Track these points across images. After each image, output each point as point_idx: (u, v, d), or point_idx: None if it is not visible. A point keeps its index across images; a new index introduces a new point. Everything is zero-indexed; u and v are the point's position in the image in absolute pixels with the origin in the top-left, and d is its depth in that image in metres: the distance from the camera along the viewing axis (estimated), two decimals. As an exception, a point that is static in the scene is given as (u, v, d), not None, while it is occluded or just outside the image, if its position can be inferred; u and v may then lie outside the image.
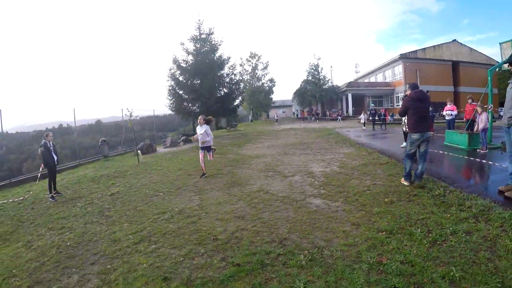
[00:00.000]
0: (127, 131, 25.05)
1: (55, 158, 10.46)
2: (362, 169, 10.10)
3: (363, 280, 3.94)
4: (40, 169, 10.83)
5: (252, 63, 60.79)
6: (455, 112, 16.20)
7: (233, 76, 30.66)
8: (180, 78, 28.18)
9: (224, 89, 30.12)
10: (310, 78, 57.35)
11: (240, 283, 4.20)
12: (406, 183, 7.74)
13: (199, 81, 27.93)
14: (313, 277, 4.15)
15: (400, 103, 12.73)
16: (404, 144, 12.29)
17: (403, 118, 10.88)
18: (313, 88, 55.22)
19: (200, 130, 11.54)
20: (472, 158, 10.10)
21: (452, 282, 3.71)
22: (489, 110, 11.75)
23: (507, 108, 6.05)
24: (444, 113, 17.18)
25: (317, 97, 54.57)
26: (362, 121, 28.14)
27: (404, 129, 11.97)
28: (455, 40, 51.61)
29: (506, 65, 11.58)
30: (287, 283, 4.05)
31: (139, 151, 17.04)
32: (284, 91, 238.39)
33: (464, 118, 15.40)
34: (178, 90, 28.11)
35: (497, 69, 13.01)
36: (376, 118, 27.65)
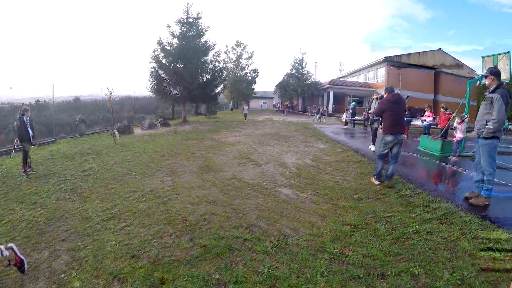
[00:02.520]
0: (106, 111, 24.76)
1: (31, 133, 10.24)
2: (335, 165, 10.22)
3: (325, 269, 4.07)
4: (15, 144, 10.62)
5: (237, 51, 60.14)
6: (430, 118, 16.49)
7: (216, 63, 30.25)
8: (164, 61, 27.73)
9: (206, 75, 29.63)
10: (293, 72, 57.06)
11: (207, 263, 4.29)
12: (376, 182, 7.89)
13: (182, 65, 27.54)
14: (277, 263, 4.26)
15: (373, 104, 12.75)
16: (372, 146, 12.47)
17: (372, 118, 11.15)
18: (295, 82, 55.04)
19: None
20: (443, 164, 10.31)
21: (413, 276, 3.87)
22: (466, 120, 12.00)
23: (478, 120, 6.25)
24: (422, 118, 17.51)
25: (298, 91, 54.50)
26: (344, 120, 28.13)
27: (376, 126, 12.12)
28: (440, 49, 52.09)
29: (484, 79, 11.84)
30: (252, 267, 4.16)
31: (116, 132, 16.75)
32: (266, 82, 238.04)
33: (439, 125, 15.66)
34: (160, 73, 27.76)
35: (478, 82, 13.26)
36: (356, 118, 27.62)
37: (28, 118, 10.16)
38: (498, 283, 3.67)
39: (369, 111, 13.80)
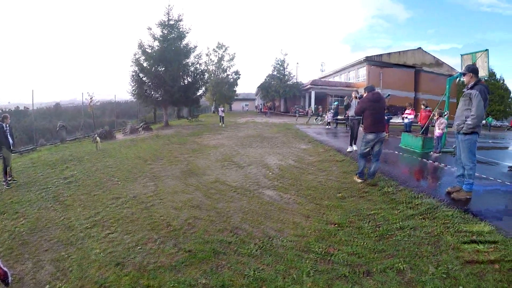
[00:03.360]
0: (87, 116, 24.53)
1: (11, 141, 10.06)
2: (318, 165, 10.24)
3: (311, 268, 4.08)
4: (-5, 153, 10.44)
5: (218, 53, 59.82)
6: (411, 116, 16.65)
7: (198, 66, 30.00)
8: (145, 64, 27.43)
9: (188, 78, 29.33)
10: (275, 73, 57.05)
11: (192, 268, 4.27)
12: (359, 181, 7.92)
13: (163, 68, 27.30)
14: (263, 265, 4.26)
15: (353, 103, 12.63)
16: (350, 148, 12.45)
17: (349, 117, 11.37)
18: (277, 83, 55.01)
19: None
20: (425, 160, 10.41)
21: (399, 271, 3.91)
22: (446, 117, 12.15)
23: (457, 116, 6.34)
24: (403, 116, 17.69)
25: (280, 92, 54.52)
26: (326, 119, 28.04)
27: (356, 126, 12.15)
28: (420, 48, 52.86)
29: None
30: (238, 270, 4.16)
31: (98, 138, 16.56)
32: (248, 84, 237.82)
33: (419, 122, 15.80)
34: (141, 76, 27.50)
35: (457, 80, 13.45)
36: (339, 117, 27.58)
37: (7, 125, 10.00)
38: (483, 274, 3.72)
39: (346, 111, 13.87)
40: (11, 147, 10.14)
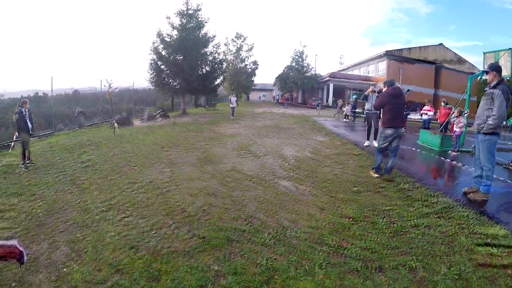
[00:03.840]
0: (105, 102, 24.72)
1: (30, 126, 10.18)
2: (335, 157, 10.19)
3: (324, 261, 4.08)
4: (14, 137, 10.58)
5: (237, 43, 59.44)
6: (431, 113, 16.45)
7: (216, 55, 29.81)
8: (163, 53, 27.41)
9: (206, 67, 29.19)
10: (293, 64, 56.77)
11: (206, 255, 4.31)
12: (375, 175, 7.87)
13: (182, 57, 27.28)
14: (276, 255, 4.27)
15: (369, 97, 12.35)
16: (367, 142, 12.34)
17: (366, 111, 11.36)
18: (295, 75, 54.72)
19: None
20: (443, 159, 10.30)
21: (411, 269, 3.89)
22: (466, 115, 11.98)
23: (478, 115, 6.24)
24: (421, 112, 17.46)
25: (298, 84, 54.28)
26: (345, 112, 27.76)
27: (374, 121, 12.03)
28: (441, 44, 51.98)
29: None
30: (250, 259, 4.18)
31: (115, 124, 16.66)
32: (266, 75, 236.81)
33: (438, 120, 15.62)
34: (159, 64, 27.53)
35: (478, 78, 13.22)
36: (356, 110, 27.26)
37: (26, 110, 10.12)
38: (495, 278, 3.69)
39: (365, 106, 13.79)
40: (30, 132, 10.27)
